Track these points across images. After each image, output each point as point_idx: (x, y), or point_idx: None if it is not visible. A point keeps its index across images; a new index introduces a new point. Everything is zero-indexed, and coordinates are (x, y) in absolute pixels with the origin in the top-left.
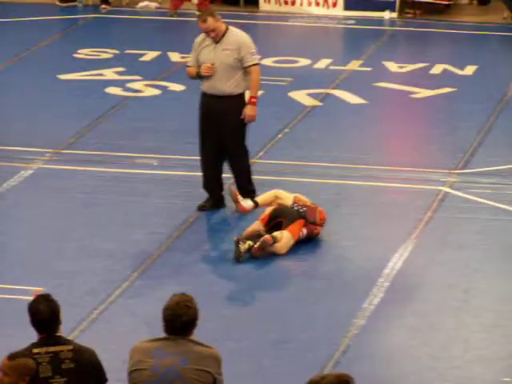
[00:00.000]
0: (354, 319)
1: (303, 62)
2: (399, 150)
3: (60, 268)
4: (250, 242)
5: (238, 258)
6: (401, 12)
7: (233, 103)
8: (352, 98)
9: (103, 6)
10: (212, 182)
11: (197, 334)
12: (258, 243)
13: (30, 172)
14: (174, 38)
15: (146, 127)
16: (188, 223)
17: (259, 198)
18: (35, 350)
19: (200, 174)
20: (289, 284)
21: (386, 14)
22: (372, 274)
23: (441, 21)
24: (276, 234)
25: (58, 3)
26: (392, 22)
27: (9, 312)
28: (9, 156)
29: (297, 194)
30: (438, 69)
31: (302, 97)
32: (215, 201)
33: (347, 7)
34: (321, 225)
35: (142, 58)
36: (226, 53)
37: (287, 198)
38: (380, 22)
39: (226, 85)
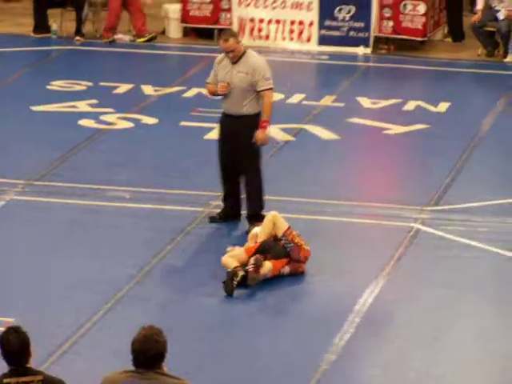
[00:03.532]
0: (324, 354)
1: (276, 96)
2: (371, 185)
3: (31, 299)
4: (240, 274)
5: (231, 292)
6: (375, 48)
7: (247, 123)
8: (325, 134)
9: (77, 37)
10: (230, 197)
11: (167, 368)
12: (250, 266)
13: (2, 203)
14: (147, 70)
15: (119, 160)
16: (159, 256)
17: (260, 236)
18: (5, 380)
19: (171, 207)
20: (259, 319)
21: (360, 50)
22: (343, 310)
23: (415, 57)
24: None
25: (32, 34)
26: (366, 58)
27: None
28: None
29: (289, 227)
30: (411, 105)
31: (274, 132)
32: (229, 214)
33: (321, 42)
34: (304, 262)
35: (116, 91)
36: (241, 75)
37: (281, 227)
38: (354, 57)
39: (240, 106)
